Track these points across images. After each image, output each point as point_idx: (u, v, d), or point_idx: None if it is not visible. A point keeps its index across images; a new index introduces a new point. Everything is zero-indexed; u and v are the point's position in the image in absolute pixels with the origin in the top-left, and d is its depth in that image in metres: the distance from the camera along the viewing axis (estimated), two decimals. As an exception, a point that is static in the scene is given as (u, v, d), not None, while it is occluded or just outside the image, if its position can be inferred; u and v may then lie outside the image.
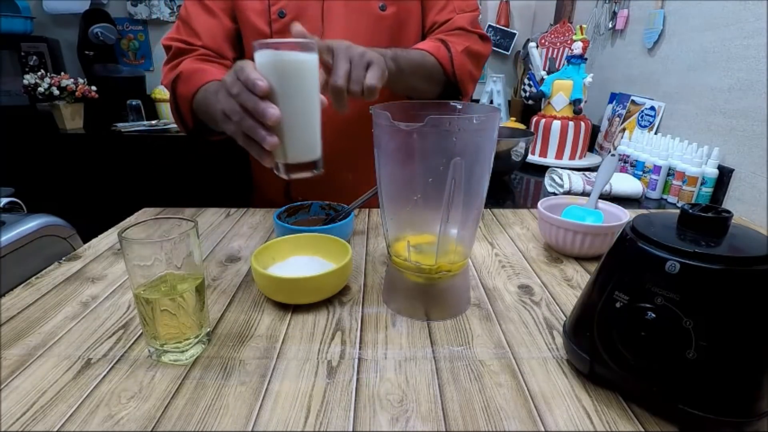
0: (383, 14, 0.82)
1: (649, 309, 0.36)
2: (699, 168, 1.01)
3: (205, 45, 0.82)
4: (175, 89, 0.78)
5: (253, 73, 0.46)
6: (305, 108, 0.48)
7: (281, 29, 0.82)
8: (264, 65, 0.46)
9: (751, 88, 0.94)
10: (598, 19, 1.61)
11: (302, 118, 0.48)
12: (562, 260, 0.67)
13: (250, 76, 0.45)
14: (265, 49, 0.46)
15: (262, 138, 0.46)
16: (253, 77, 0.45)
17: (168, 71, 0.82)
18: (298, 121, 0.48)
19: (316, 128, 0.50)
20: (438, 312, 0.52)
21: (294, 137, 0.48)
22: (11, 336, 0.48)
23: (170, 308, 0.42)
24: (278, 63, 0.46)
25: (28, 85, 1.85)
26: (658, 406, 0.38)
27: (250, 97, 0.46)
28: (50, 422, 0.37)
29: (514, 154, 1.17)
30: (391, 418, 0.37)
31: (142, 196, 1.88)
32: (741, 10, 0.98)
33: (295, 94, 0.47)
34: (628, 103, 1.40)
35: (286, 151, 0.48)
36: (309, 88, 0.48)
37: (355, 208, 0.71)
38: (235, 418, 0.37)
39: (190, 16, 0.83)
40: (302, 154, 0.49)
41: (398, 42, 0.85)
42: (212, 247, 0.70)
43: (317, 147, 0.50)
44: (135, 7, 2.15)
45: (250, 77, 0.45)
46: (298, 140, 0.48)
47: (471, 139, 0.44)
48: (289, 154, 0.48)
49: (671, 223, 0.40)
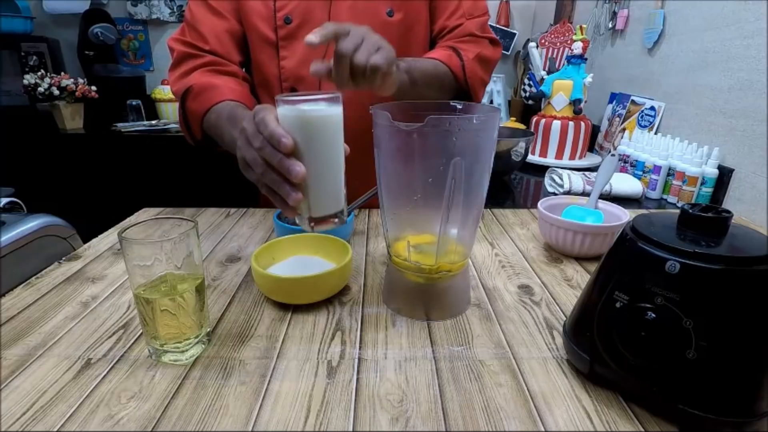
0: (390, 20, 0.82)
1: (649, 309, 0.36)
2: (699, 168, 1.01)
3: (213, 49, 0.80)
4: (185, 102, 0.77)
5: (278, 128, 0.44)
6: (330, 163, 0.46)
7: (288, 35, 0.81)
8: (288, 120, 0.44)
9: (751, 88, 0.94)
10: (598, 19, 1.61)
11: (327, 172, 0.46)
12: (562, 260, 0.67)
13: (275, 132, 0.43)
14: (288, 104, 0.44)
15: (286, 194, 0.45)
16: (278, 134, 0.43)
17: (176, 79, 0.80)
18: (323, 175, 0.46)
19: (340, 181, 0.48)
20: (438, 312, 0.52)
21: (319, 192, 0.47)
22: (11, 336, 0.48)
23: (170, 308, 0.42)
24: (303, 120, 0.44)
25: (28, 85, 1.85)
26: (658, 406, 0.38)
27: (274, 153, 0.44)
28: (50, 422, 0.37)
29: (514, 154, 1.17)
30: (391, 418, 0.37)
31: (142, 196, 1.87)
32: (741, 10, 0.98)
33: (321, 150, 0.45)
34: (628, 103, 1.40)
35: (310, 205, 0.47)
36: (334, 142, 0.46)
37: (355, 208, 0.71)
38: (235, 418, 0.37)
39: (195, 18, 0.81)
40: (326, 208, 0.47)
41: (406, 48, 0.84)
42: (212, 247, 0.70)
43: (341, 199, 0.48)
44: (135, 7, 2.15)
45: (275, 134, 0.43)
46: (322, 194, 0.47)
47: (471, 139, 0.44)
48: (314, 208, 0.47)
49: (671, 223, 0.40)
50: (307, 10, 0.80)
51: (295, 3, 0.80)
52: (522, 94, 1.99)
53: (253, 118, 0.47)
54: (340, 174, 0.48)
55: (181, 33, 0.82)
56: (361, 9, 0.80)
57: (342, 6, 0.80)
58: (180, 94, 0.78)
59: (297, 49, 0.82)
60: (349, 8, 0.80)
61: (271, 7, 0.80)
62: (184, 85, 0.77)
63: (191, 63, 0.80)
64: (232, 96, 0.73)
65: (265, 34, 0.81)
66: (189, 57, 0.80)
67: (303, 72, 0.82)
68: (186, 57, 0.80)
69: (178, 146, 1.91)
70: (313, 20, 0.80)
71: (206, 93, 0.74)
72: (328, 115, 0.45)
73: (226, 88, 0.75)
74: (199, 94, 0.75)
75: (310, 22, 0.80)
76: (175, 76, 0.80)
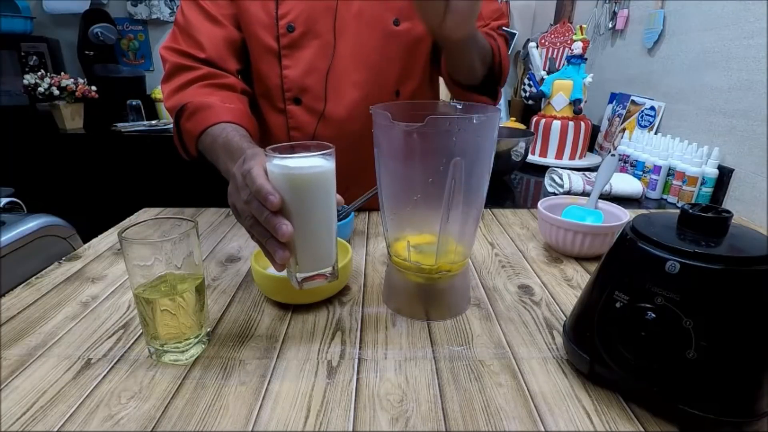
0: (397, 29, 0.80)
1: (649, 309, 0.36)
2: (699, 168, 1.01)
3: (209, 57, 0.76)
4: (179, 120, 0.73)
5: (265, 184, 0.42)
6: (319, 221, 0.44)
7: (290, 44, 0.78)
8: (277, 176, 0.42)
9: (751, 88, 0.94)
10: (598, 19, 1.62)
11: (316, 231, 0.44)
12: (562, 260, 0.67)
13: (262, 189, 0.42)
14: (276, 160, 0.42)
15: (272, 250, 0.43)
16: (264, 191, 0.41)
17: (170, 94, 0.75)
18: (312, 235, 0.44)
19: (330, 240, 0.46)
20: (438, 312, 0.52)
21: (307, 251, 0.45)
22: (11, 336, 0.48)
23: (170, 308, 0.42)
24: (291, 178, 0.42)
25: (28, 85, 1.85)
26: (658, 406, 0.38)
27: (261, 209, 0.42)
28: (50, 422, 0.37)
29: (514, 154, 1.17)
30: (391, 418, 0.37)
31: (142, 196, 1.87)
32: (741, 10, 0.98)
33: (309, 209, 0.43)
34: (628, 103, 1.40)
35: (298, 263, 0.45)
36: (324, 200, 0.44)
37: (355, 208, 0.71)
38: (235, 418, 0.37)
39: (190, 24, 0.76)
40: (315, 266, 0.46)
41: (411, 57, 0.83)
42: (212, 247, 0.70)
43: (331, 258, 0.46)
44: (135, 7, 2.15)
45: (261, 190, 0.42)
46: (311, 254, 0.45)
47: (471, 139, 0.44)
48: (301, 266, 0.45)
49: (671, 223, 0.40)
50: (310, 19, 0.77)
51: (299, 10, 0.77)
52: (522, 94, 1.99)
53: (242, 164, 0.46)
54: (330, 232, 0.45)
55: (173, 40, 0.78)
56: (368, 17, 0.79)
57: (348, 14, 0.78)
58: (174, 111, 0.74)
59: (300, 58, 0.79)
60: (355, 16, 0.78)
61: (273, 15, 0.77)
62: (178, 102, 0.73)
63: (185, 76, 0.75)
64: (228, 117, 0.69)
65: (266, 43, 0.78)
66: (183, 69, 0.76)
67: (307, 82, 0.80)
68: (180, 69, 0.76)
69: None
70: (318, 28, 0.78)
71: (201, 113, 0.70)
72: (319, 172, 0.42)
73: (221, 108, 0.70)
74: (194, 114, 0.71)
75: (313, 31, 0.78)
76: (169, 90, 0.76)
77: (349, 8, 0.78)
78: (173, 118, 0.75)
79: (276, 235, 0.42)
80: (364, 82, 0.81)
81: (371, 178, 0.53)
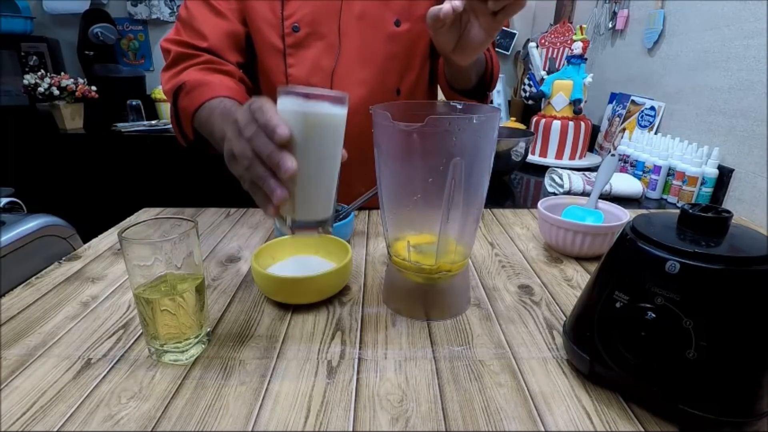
0: (398, 30, 0.82)
1: (649, 309, 0.36)
2: (699, 168, 1.01)
3: (210, 46, 0.76)
4: (177, 101, 0.73)
5: (275, 117, 0.40)
6: (325, 166, 0.43)
7: (295, 44, 0.79)
8: (287, 113, 0.41)
9: (751, 88, 0.94)
10: (598, 19, 1.62)
11: (319, 175, 0.43)
12: (562, 260, 0.67)
13: (272, 120, 0.40)
14: (291, 96, 0.40)
15: (270, 189, 0.41)
16: (274, 122, 0.40)
17: (169, 78, 0.76)
18: (315, 178, 0.42)
19: (332, 188, 0.44)
20: (438, 312, 0.52)
21: (306, 194, 0.43)
22: (11, 336, 0.48)
23: (170, 308, 0.42)
24: (305, 114, 0.40)
25: (28, 85, 1.85)
26: (658, 406, 0.38)
27: (267, 143, 0.41)
28: (50, 422, 0.37)
29: (514, 154, 1.17)
30: (391, 418, 0.37)
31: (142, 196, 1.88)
32: (741, 10, 0.98)
33: (317, 151, 0.42)
34: (628, 103, 1.40)
35: (295, 207, 0.43)
36: (333, 145, 0.43)
37: (355, 208, 0.71)
38: (235, 418, 0.37)
39: (193, 17, 0.77)
40: (312, 213, 0.44)
41: (410, 57, 0.86)
42: (212, 247, 0.70)
43: (330, 207, 0.45)
44: (135, 7, 2.15)
45: (270, 122, 0.40)
46: (310, 198, 0.43)
47: (471, 139, 0.44)
48: (298, 211, 0.43)
49: (671, 223, 0.40)
50: (315, 19, 0.79)
51: (304, 12, 0.78)
52: (522, 94, 1.99)
53: (248, 107, 0.44)
54: (333, 180, 0.44)
55: (175, 33, 0.78)
56: (370, 19, 0.80)
57: (351, 15, 0.80)
58: (172, 92, 0.74)
59: (305, 57, 0.81)
60: (358, 18, 0.80)
61: (279, 15, 0.78)
62: (176, 83, 0.73)
63: (186, 63, 0.76)
64: (227, 93, 0.69)
65: (272, 41, 0.80)
66: (184, 57, 0.76)
67: (312, 81, 0.81)
68: (181, 57, 0.76)
69: (178, 146, 1.91)
70: (322, 29, 0.79)
71: (199, 89, 0.70)
72: (332, 114, 0.42)
73: (220, 85, 0.71)
74: (192, 90, 0.70)
75: (318, 32, 0.79)
76: (168, 75, 0.76)
77: (351, 9, 0.79)
78: (171, 100, 0.74)
79: (279, 171, 0.40)
80: (368, 80, 0.83)
81: (368, 167, 0.53)
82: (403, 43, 0.83)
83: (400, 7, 0.81)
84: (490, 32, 0.59)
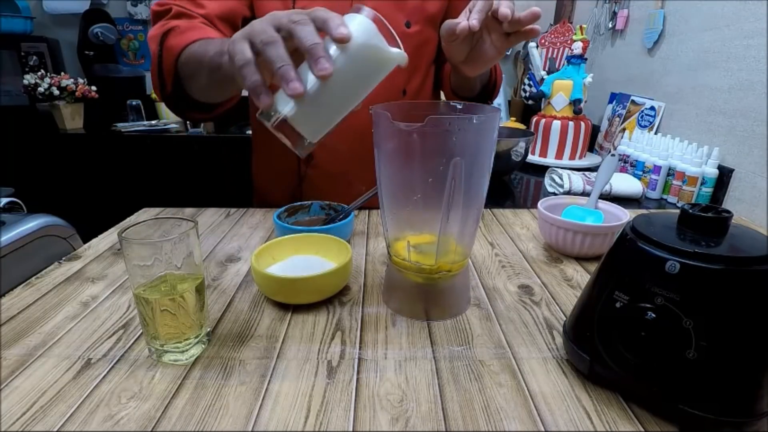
0: (408, 31, 0.82)
1: (649, 309, 0.36)
2: (699, 168, 1.01)
3: (207, 15, 0.71)
4: (164, 42, 0.65)
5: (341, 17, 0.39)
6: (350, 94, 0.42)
7: None
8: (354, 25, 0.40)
9: (751, 88, 0.94)
10: (598, 19, 1.62)
11: (339, 99, 0.42)
12: (562, 260, 0.67)
13: (335, 18, 0.38)
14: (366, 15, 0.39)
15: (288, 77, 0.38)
16: (338, 20, 0.38)
17: (157, 28, 0.67)
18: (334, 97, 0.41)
19: (337, 119, 0.44)
20: (438, 312, 0.52)
21: (317, 107, 0.41)
22: (11, 336, 0.48)
23: (170, 308, 0.42)
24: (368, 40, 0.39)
25: (28, 85, 1.85)
26: (658, 406, 0.38)
27: (313, 35, 0.38)
28: (50, 422, 0.37)
29: (514, 154, 1.17)
30: (391, 418, 0.37)
31: (142, 196, 1.88)
32: (741, 10, 0.98)
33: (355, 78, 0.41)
34: (628, 103, 1.40)
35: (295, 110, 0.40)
36: (370, 83, 0.42)
37: (355, 208, 0.71)
38: (235, 418, 0.37)
39: None
40: (306, 126, 0.42)
41: (419, 59, 0.87)
42: (212, 247, 0.70)
43: (323, 132, 0.44)
44: (135, 7, 2.15)
45: (334, 19, 0.38)
46: (317, 113, 0.41)
47: (471, 139, 0.44)
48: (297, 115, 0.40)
49: (671, 223, 0.40)
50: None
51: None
52: (522, 94, 1.99)
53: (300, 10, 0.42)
54: (342, 114, 0.43)
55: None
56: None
57: None
58: (159, 36, 0.65)
59: None
60: None
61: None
62: (166, 27, 0.65)
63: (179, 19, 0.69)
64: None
65: None
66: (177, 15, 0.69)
67: None
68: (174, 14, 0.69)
69: (178, 146, 1.91)
70: None
71: (193, 30, 0.64)
72: (390, 58, 0.41)
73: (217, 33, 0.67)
74: (185, 31, 0.64)
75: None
76: (155, 28, 0.68)
77: None
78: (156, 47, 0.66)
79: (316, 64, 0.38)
80: None
81: (374, 174, 0.53)
82: (413, 44, 0.84)
83: (411, 9, 0.82)
84: (501, 50, 0.61)
